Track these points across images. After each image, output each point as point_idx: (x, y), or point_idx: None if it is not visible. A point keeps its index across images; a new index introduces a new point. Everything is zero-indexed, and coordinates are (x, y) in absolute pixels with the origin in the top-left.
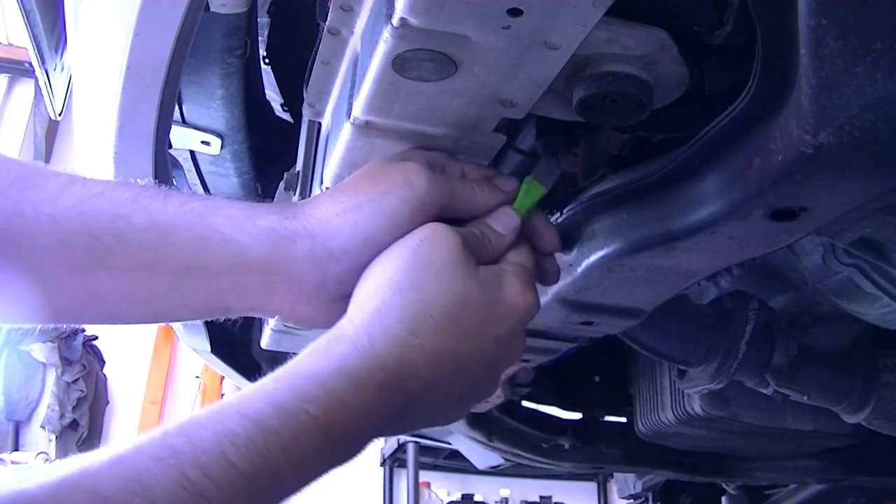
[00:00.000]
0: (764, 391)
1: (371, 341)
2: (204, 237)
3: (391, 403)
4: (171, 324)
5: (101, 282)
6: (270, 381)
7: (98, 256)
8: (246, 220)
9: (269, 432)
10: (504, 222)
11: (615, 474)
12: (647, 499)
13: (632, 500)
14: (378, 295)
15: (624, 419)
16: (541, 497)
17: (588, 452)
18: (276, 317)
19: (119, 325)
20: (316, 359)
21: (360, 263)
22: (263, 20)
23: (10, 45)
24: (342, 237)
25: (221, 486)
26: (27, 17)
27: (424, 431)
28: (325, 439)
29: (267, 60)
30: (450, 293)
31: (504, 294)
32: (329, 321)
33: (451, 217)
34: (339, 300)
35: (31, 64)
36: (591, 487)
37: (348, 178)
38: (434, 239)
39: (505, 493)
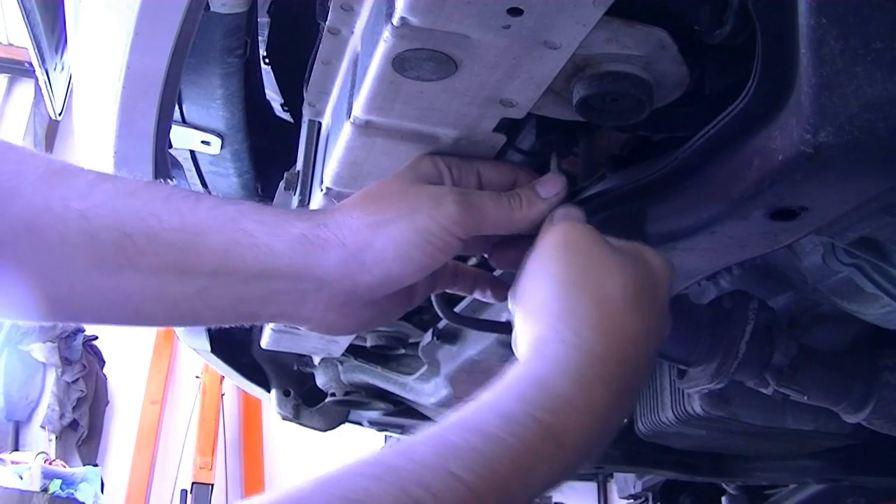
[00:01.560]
0: (764, 391)
1: (580, 337)
2: (235, 240)
3: (612, 397)
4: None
5: (128, 281)
6: (486, 394)
7: (128, 255)
8: (277, 226)
9: (496, 442)
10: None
11: (615, 474)
12: (647, 499)
13: (632, 500)
14: (558, 299)
15: (624, 419)
16: (541, 497)
17: None
18: (305, 326)
19: (141, 326)
20: (532, 367)
21: (392, 275)
22: (263, 20)
23: (10, 45)
24: (374, 249)
25: (447, 502)
26: (27, 17)
27: None
28: (556, 448)
29: (267, 60)
30: (619, 274)
31: (649, 261)
32: (358, 327)
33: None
34: (368, 306)
35: (31, 64)
36: (591, 487)
37: (373, 188)
38: (575, 233)
39: None
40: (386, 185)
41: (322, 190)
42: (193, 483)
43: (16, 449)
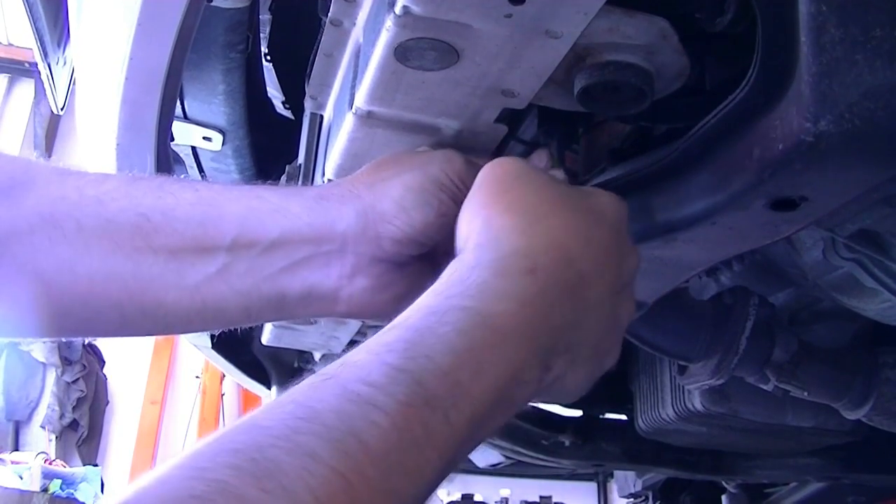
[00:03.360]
0: (764, 387)
1: (497, 238)
2: (253, 207)
3: (545, 289)
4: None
5: (148, 265)
6: (414, 301)
7: (145, 236)
8: (293, 192)
9: (428, 332)
10: None
11: (615, 473)
12: (647, 497)
13: (632, 499)
14: (476, 218)
15: (624, 416)
16: (541, 497)
17: (588, 449)
18: (336, 306)
19: (164, 328)
20: (450, 271)
21: (415, 223)
22: (265, 17)
23: (10, 45)
24: (393, 198)
25: (391, 392)
26: (30, 11)
27: None
28: (494, 334)
29: (268, 58)
30: (541, 187)
31: (593, 193)
32: (392, 301)
33: None
34: (398, 271)
35: (31, 64)
36: (591, 487)
37: (379, 159)
38: (501, 160)
39: (505, 493)
40: (392, 155)
41: (324, 182)
42: None
43: (16, 449)
